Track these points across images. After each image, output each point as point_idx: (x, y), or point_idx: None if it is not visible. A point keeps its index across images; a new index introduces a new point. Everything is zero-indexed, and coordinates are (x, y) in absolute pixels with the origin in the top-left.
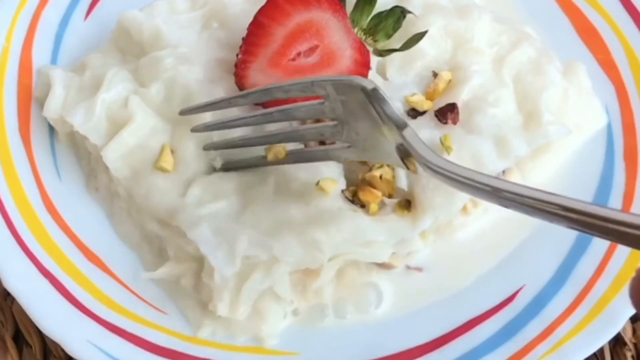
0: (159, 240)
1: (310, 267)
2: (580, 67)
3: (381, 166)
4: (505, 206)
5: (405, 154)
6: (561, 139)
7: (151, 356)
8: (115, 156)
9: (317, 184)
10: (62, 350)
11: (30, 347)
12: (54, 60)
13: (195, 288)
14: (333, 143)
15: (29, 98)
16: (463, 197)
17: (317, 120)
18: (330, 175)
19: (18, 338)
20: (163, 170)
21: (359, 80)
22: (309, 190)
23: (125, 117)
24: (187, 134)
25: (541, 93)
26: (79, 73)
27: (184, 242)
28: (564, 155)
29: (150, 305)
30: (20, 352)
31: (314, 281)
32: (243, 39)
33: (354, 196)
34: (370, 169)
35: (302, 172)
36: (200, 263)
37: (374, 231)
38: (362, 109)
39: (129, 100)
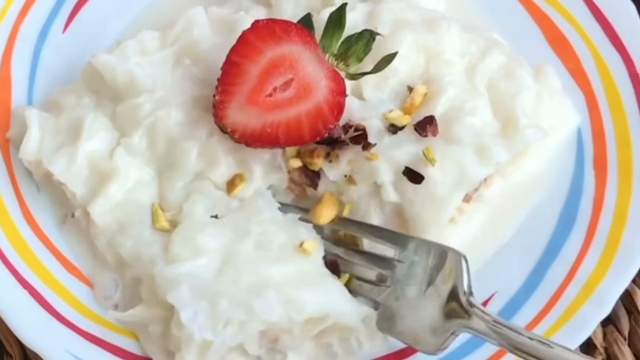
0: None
1: (284, 327)
2: (549, 69)
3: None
4: None
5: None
6: (538, 141)
7: None
8: (102, 211)
9: (301, 245)
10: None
11: (11, 356)
12: (32, 74)
13: (163, 336)
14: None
15: (8, 111)
16: (450, 209)
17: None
18: (311, 238)
19: None
20: (164, 229)
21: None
22: (289, 251)
23: (108, 169)
24: (173, 179)
25: (515, 98)
26: (54, 114)
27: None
28: (540, 157)
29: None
30: None
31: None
32: (218, 79)
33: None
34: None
35: (282, 233)
36: (169, 311)
37: (347, 305)
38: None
39: (114, 153)
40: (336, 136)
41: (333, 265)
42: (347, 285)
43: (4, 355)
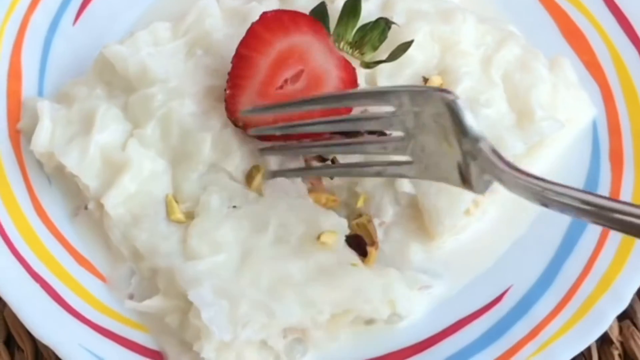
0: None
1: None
2: (565, 62)
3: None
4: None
5: (467, 172)
6: (554, 133)
7: (142, 359)
8: (116, 203)
9: (319, 238)
10: (54, 354)
11: (22, 351)
12: (42, 66)
13: (180, 326)
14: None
15: (19, 103)
16: (466, 200)
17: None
18: (330, 227)
19: (10, 342)
20: (179, 221)
21: (439, 91)
22: (308, 243)
23: (121, 161)
24: (187, 170)
25: (531, 90)
26: (65, 105)
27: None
28: (556, 150)
29: None
30: (12, 356)
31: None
32: (229, 73)
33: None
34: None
35: (302, 225)
36: (188, 303)
37: (372, 289)
38: (435, 121)
39: (127, 145)
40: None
41: (357, 243)
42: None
43: (15, 350)
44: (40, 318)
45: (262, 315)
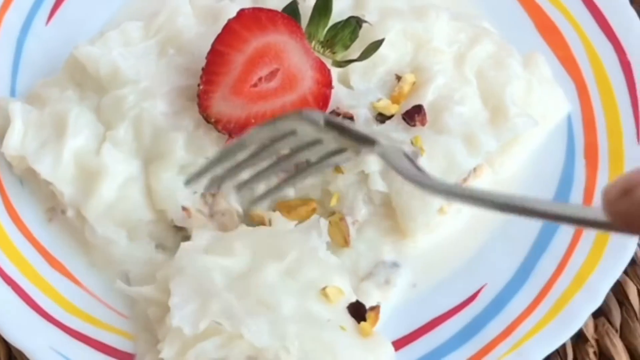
0: None
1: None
2: (539, 58)
3: None
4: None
5: None
6: (528, 131)
7: None
8: (97, 213)
9: (323, 289)
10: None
11: None
12: (15, 66)
13: (158, 322)
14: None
15: None
16: (438, 199)
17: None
18: (340, 284)
19: None
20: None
21: (307, 114)
22: (312, 289)
23: (96, 166)
24: (160, 170)
25: (505, 87)
26: (37, 106)
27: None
28: (530, 147)
29: (112, 309)
30: None
31: None
32: (203, 68)
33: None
34: None
35: (315, 270)
36: None
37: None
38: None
39: (102, 150)
40: None
41: (357, 311)
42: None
43: None
44: (11, 321)
45: (228, 322)
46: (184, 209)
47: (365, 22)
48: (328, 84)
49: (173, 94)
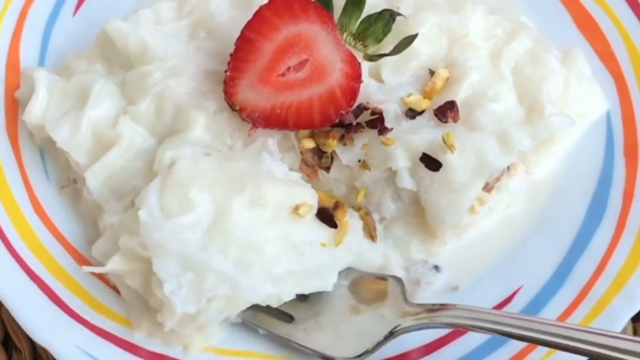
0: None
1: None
2: (578, 53)
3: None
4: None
5: None
6: (564, 130)
7: None
8: (98, 179)
9: (295, 210)
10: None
11: (20, 352)
12: (42, 58)
13: (143, 289)
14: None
15: (13, 98)
16: (470, 197)
17: None
18: (306, 199)
19: (7, 343)
20: None
21: None
22: (284, 214)
23: (112, 138)
24: (172, 144)
25: (541, 84)
26: (64, 77)
27: (135, 243)
28: (567, 145)
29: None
30: (9, 357)
31: None
32: (231, 54)
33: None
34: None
35: (278, 192)
36: (148, 264)
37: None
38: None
39: (119, 122)
40: (347, 122)
41: (325, 216)
42: None
43: (13, 351)
44: (37, 319)
45: (228, 288)
46: None
47: (400, 14)
48: (357, 78)
49: (200, 75)
